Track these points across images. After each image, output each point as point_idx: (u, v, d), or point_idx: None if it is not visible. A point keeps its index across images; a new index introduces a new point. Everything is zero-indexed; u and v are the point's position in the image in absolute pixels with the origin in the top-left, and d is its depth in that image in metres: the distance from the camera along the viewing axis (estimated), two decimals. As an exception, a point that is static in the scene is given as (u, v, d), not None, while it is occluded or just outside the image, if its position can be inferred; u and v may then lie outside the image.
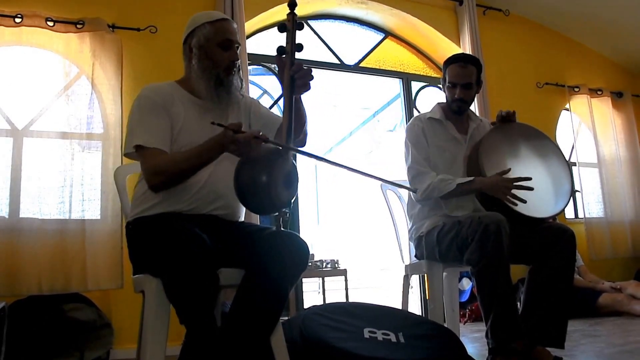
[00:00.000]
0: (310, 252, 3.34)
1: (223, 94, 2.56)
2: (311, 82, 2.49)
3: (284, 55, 2.48)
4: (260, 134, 2.23)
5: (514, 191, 2.97)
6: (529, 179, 2.97)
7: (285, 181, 2.43)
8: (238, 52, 2.61)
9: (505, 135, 3.26)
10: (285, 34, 2.52)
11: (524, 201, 2.95)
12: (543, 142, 3.36)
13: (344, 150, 12.87)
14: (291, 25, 2.50)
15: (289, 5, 2.52)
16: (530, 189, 2.95)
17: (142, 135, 2.43)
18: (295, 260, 2.27)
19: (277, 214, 2.52)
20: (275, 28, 5.37)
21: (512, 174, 3.06)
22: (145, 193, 2.47)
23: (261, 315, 2.19)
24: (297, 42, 2.49)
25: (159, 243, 2.15)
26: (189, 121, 2.51)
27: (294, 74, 2.43)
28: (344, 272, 5.27)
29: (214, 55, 2.54)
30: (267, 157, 2.45)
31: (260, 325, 2.20)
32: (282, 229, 2.47)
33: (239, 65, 2.61)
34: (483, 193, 3.10)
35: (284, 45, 2.49)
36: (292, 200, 2.48)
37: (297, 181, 2.49)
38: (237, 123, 2.21)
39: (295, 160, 2.57)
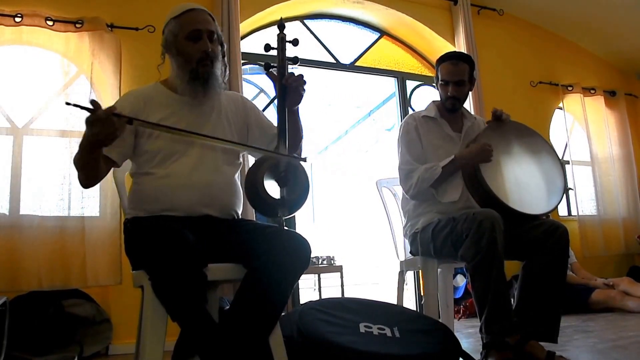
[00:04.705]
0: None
1: (198, 88, 2.50)
2: (305, 88, 2.52)
3: (272, 69, 2.53)
4: (118, 112, 2.11)
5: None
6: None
7: (280, 180, 2.46)
8: (215, 38, 2.54)
9: (499, 134, 3.29)
10: (272, 51, 2.55)
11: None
12: (536, 140, 3.40)
13: (340, 149, 12.88)
14: (280, 44, 2.53)
15: (278, 26, 2.57)
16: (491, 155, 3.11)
17: None
18: (297, 259, 2.26)
19: (277, 215, 2.51)
20: (272, 27, 5.45)
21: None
22: (136, 195, 2.51)
23: (261, 314, 2.20)
24: (293, 55, 2.54)
25: (145, 244, 2.17)
26: (168, 120, 2.46)
27: (288, 81, 2.47)
28: (339, 269, 5.31)
29: (184, 49, 2.48)
30: (263, 158, 2.50)
31: (260, 324, 2.20)
32: (284, 227, 2.47)
33: (222, 52, 2.57)
34: (476, 191, 3.16)
35: (271, 61, 2.56)
36: (293, 200, 2.49)
37: (298, 181, 2.49)
38: (93, 101, 2.06)
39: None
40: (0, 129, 4.23)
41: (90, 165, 2.34)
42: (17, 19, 4.22)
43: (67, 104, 2.14)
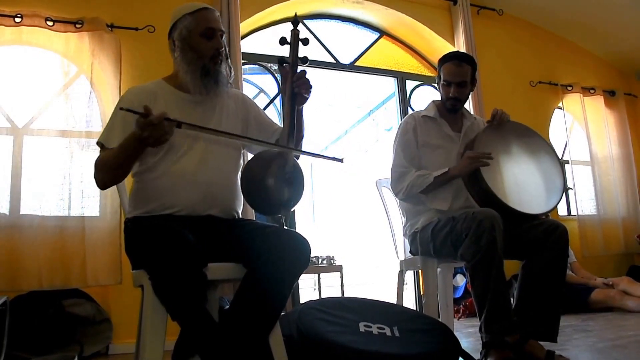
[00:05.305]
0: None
1: (210, 84, 2.53)
2: (310, 91, 2.53)
3: (285, 65, 2.54)
4: (169, 116, 2.18)
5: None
6: (489, 153, 3.09)
7: (286, 180, 2.48)
8: (223, 40, 2.58)
9: (499, 133, 3.30)
10: (285, 46, 2.57)
11: (491, 158, 3.07)
12: (535, 140, 3.40)
13: (340, 149, 12.88)
14: (293, 40, 2.55)
15: (292, 22, 2.58)
16: (490, 158, 3.08)
17: (105, 134, 2.47)
18: (296, 259, 2.27)
19: (279, 214, 2.53)
20: (272, 27, 5.47)
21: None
22: (138, 193, 2.52)
23: (261, 313, 2.21)
24: (302, 55, 2.55)
25: (146, 243, 2.18)
26: (174, 117, 2.44)
27: (296, 80, 2.49)
28: (339, 268, 5.31)
29: (198, 46, 2.51)
30: (268, 157, 2.51)
31: (259, 323, 2.21)
32: (284, 227, 2.49)
33: (225, 54, 2.60)
34: (475, 190, 3.16)
35: (285, 55, 2.55)
36: (295, 200, 2.51)
37: (301, 182, 2.52)
38: (146, 106, 2.12)
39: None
40: (1, 129, 4.23)
41: (126, 165, 2.37)
42: (17, 19, 4.22)
43: (121, 109, 2.21)
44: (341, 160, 2.56)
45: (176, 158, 2.47)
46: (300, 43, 2.57)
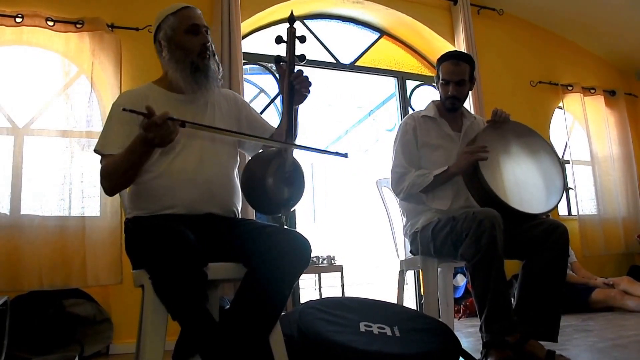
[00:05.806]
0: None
1: (201, 80, 2.54)
2: (310, 88, 2.53)
3: (282, 63, 2.54)
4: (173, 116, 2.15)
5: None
6: (485, 146, 3.12)
7: (286, 180, 2.48)
8: (208, 35, 2.59)
9: (499, 133, 3.30)
10: (282, 44, 2.57)
11: (487, 151, 3.10)
12: (535, 140, 3.40)
13: (340, 148, 12.89)
14: (290, 38, 2.55)
15: (288, 20, 2.59)
16: (487, 151, 3.10)
17: (101, 141, 2.47)
18: (297, 259, 2.27)
19: (279, 213, 2.53)
20: (273, 27, 5.46)
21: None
22: (137, 194, 2.52)
23: (261, 313, 2.21)
24: (299, 53, 2.56)
25: (146, 243, 2.18)
26: None
27: (294, 80, 2.49)
28: (340, 268, 5.31)
29: (184, 43, 2.53)
30: (268, 156, 2.51)
31: (260, 323, 2.21)
32: (284, 226, 2.49)
33: (212, 50, 2.61)
34: (475, 190, 3.16)
35: (282, 54, 2.55)
36: (295, 200, 2.51)
37: (301, 181, 2.52)
38: (148, 107, 2.10)
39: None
40: (1, 129, 4.23)
41: (135, 168, 2.36)
42: (18, 20, 4.22)
43: (124, 109, 2.16)
44: (345, 155, 2.55)
45: (172, 157, 2.48)
46: (297, 40, 2.58)
